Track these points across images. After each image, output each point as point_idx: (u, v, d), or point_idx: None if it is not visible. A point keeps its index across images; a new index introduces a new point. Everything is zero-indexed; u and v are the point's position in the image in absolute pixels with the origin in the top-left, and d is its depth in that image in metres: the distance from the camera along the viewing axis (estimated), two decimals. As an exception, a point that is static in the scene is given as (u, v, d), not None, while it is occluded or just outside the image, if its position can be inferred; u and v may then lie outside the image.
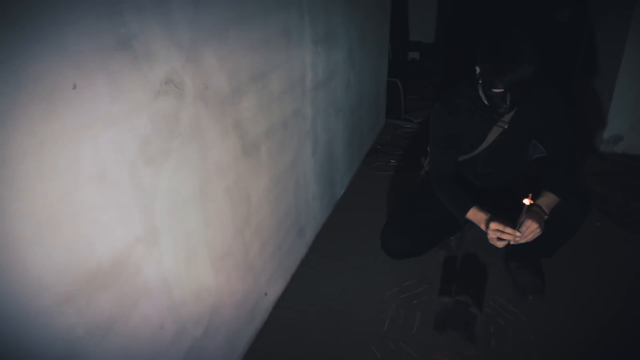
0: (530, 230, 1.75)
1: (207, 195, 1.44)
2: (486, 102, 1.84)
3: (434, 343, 1.89)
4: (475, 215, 1.90)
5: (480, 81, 1.80)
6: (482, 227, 1.86)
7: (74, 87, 0.90)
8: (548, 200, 1.83)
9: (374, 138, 3.63)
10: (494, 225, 1.79)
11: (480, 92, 1.83)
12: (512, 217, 1.81)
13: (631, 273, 2.21)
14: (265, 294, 1.98)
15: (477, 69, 1.80)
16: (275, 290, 2.09)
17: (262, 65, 1.68)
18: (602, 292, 2.10)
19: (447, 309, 1.91)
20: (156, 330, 1.29)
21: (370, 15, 3.10)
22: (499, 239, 1.79)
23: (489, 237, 1.82)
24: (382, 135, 3.76)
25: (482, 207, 1.89)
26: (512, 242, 1.78)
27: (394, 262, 2.27)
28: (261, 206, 1.82)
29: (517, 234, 1.75)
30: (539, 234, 1.76)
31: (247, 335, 1.86)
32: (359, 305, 2.09)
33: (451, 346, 1.87)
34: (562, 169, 1.89)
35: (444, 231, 2.26)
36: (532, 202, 1.77)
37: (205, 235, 1.45)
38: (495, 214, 1.85)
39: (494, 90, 1.73)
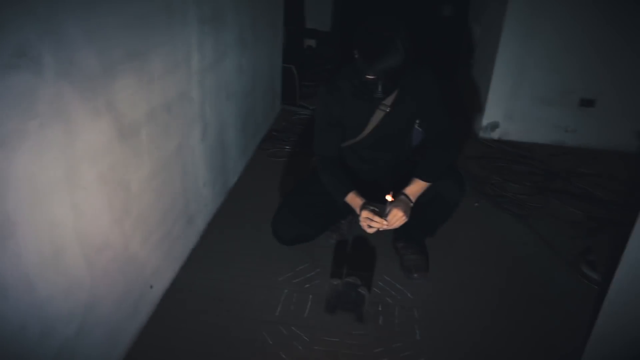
0: (396, 218, 1.85)
1: (76, 182, 1.32)
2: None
3: (325, 325, 1.92)
4: (352, 200, 1.97)
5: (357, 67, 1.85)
6: (358, 212, 1.92)
7: None
8: (415, 187, 1.94)
9: (270, 124, 3.60)
10: (364, 214, 1.87)
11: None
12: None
13: (508, 249, 2.40)
14: (151, 287, 1.88)
15: (355, 54, 1.84)
16: (162, 281, 1.99)
17: (140, 42, 1.57)
18: (481, 269, 2.26)
19: (338, 291, 1.95)
20: (16, 331, 1.16)
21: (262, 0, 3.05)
22: (370, 226, 1.88)
23: (360, 223, 1.90)
24: (278, 121, 3.74)
25: (359, 193, 1.97)
26: (380, 229, 1.87)
27: (287, 248, 2.27)
28: (143, 194, 1.72)
29: (384, 222, 1.85)
30: (405, 221, 1.87)
31: (130, 331, 1.76)
32: (250, 292, 2.06)
33: (341, 327, 1.91)
34: (435, 154, 2.00)
35: (336, 215, 2.30)
36: (392, 199, 1.86)
37: (76, 226, 1.33)
38: (371, 201, 1.94)
39: (367, 77, 1.78)
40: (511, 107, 3.50)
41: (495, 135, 3.60)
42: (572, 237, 2.49)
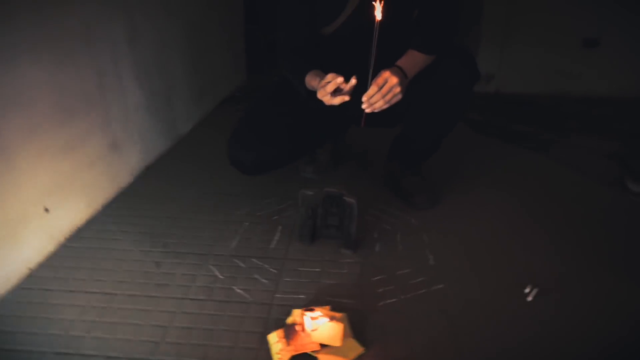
0: (388, 84, 1.29)
1: None
2: None
3: (298, 255, 1.36)
4: (311, 80, 1.41)
5: None
6: (320, 96, 1.33)
7: None
8: (409, 59, 1.41)
9: (232, 87, 3.09)
10: (323, 83, 1.30)
11: None
12: None
13: (531, 179, 1.88)
14: (47, 210, 1.31)
15: None
16: (70, 213, 1.42)
17: None
18: (489, 193, 1.74)
19: (314, 207, 1.41)
20: None
21: None
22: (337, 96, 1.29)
23: (319, 95, 1.33)
24: (243, 89, 3.22)
25: (321, 73, 1.38)
26: (366, 107, 1.31)
27: (250, 182, 1.73)
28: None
29: (352, 82, 1.27)
30: (399, 94, 1.31)
31: (18, 264, 1.18)
32: (197, 228, 1.49)
33: (323, 255, 1.36)
34: (431, 21, 1.49)
35: (310, 138, 1.75)
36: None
37: None
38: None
39: None
40: (506, 54, 3.07)
41: (491, 88, 3.14)
42: (608, 158, 2.00)
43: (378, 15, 1.15)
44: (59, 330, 1.07)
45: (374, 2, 1.15)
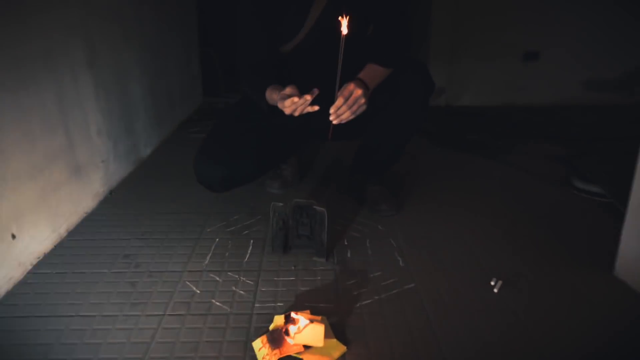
0: (354, 96, 1.37)
1: None
2: None
3: (273, 266, 1.39)
4: (272, 94, 1.46)
5: None
6: (281, 107, 1.39)
7: None
8: (369, 72, 1.49)
9: (190, 110, 3.10)
10: (286, 101, 1.35)
11: None
12: None
13: (485, 182, 1.99)
14: (14, 236, 1.29)
15: None
16: (36, 239, 1.40)
17: None
18: (447, 198, 1.83)
19: (286, 218, 1.44)
20: None
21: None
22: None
23: (282, 108, 1.38)
24: (199, 111, 3.23)
25: (280, 86, 1.45)
26: (334, 119, 1.38)
27: (219, 200, 1.75)
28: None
29: (307, 97, 1.32)
30: (363, 105, 1.39)
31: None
32: (167, 247, 1.50)
33: (297, 264, 1.39)
34: (387, 35, 1.58)
35: (276, 153, 1.79)
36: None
37: None
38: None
39: None
40: (454, 69, 3.23)
41: (441, 101, 3.29)
42: (554, 160, 2.15)
43: (344, 30, 1.22)
44: (37, 355, 1.05)
45: (340, 18, 1.22)
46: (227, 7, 3.96)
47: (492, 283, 1.28)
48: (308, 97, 1.32)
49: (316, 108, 1.34)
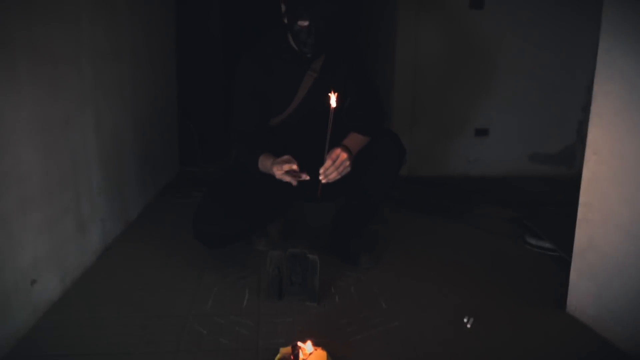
0: (340, 158, 1.60)
1: None
2: (293, 44, 1.76)
3: (270, 310, 1.53)
4: (264, 164, 1.70)
5: (286, 20, 1.73)
6: (273, 172, 1.63)
7: None
8: (352, 139, 1.75)
9: (168, 179, 3.25)
10: (278, 170, 1.60)
11: (288, 34, 1.76)
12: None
13: (448, 241, 2.22)
14: (33, 282, 1.39)
15: (283, 7, 1.73)
16: (47, 288, 1.49)
17: None
18: (418, 252, 2.05)
19: (280, 266, 1.59)
20: None
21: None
22: (293, 175, 1.60)
23: (277, 170, 1.61)
24: (177, 180, 3.38)
25: (273, 154, 1.70)
26: (323, 179, 1.60)
27: (211, 256, 1.90)
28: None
29: (304, 176, 1.59)
30: (348, 167, 1.63)
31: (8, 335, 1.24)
32: (171, 294, 1.62)
33: (293, 307, 1.54)
34: (366, 109, 1.86)
35: (266, 212, 1.97)
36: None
37: None
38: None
39: (299, 23, 1.66)
40: (414, 143, 3.56)
41: (403, 172, 3.59)
42: (508, 221, 2.42)
43: (333, 103, 1.48)
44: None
45: (330, 94, 1.48)
46: (204, 81, 4.26)
47: (465, 320, 1.47)
48: (303, 175, 1.58)
49: (307, 178, 1.56)
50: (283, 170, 1.59)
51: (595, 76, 1.45)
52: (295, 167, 1.58)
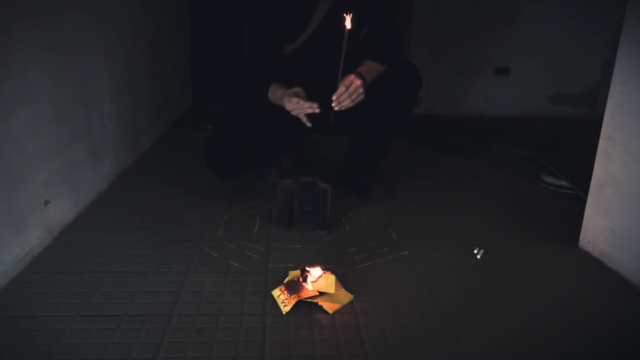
0: (354, 85, 1.54)
1: None
2: None
3: (280, 237, 1.54)
4: (274, 95, 1.65)
5: None
6: (283, 104, 1.58)
7: None
8: (367, 67, 1.68)
9: (181, 112, 3.23)
10: (289, 102, 1.54)
11: None
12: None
13: (465, 180, 2.19)
14: (46, 203, 1.40)
15: None
16: (61, 210, 1.51)
17: None
18: (431, 188, 2.02)
19: (291, 194, 1.59)
20: None
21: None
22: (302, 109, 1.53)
23: (286, 103, 1.56)
24: (192, 113, 3.36)
25: (284, 84, 1.63)
26: (335, 106, 1.55)
27: (223, 186, 1.90)
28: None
29: (315, 105, 1.51)
30: (362, 94, 1.57)
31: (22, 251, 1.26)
32: (182, 222, 1.63)
33: (303, 235, 1.55)
34: (382, 39, 1.79)
35: (278, 144, 1.95)
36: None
37: None
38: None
39: None
40: (431, 80, 3.46)
41: (420, 110, 3.52)
42: (523, 159, 2.37)
43: (348, 25, 1.41)
44: (78, 299, 1.17)
45: (345, 15, 1.41)
46: (219, 14, 4.13)
47: (475, 251, 1.47)
48: (315, 107, 1.50)
49: (317, 111, 1.51)
50: (293, 103, 1.55)
51: (627, 6, 1.37)
52: (302, 102, 1.52)
